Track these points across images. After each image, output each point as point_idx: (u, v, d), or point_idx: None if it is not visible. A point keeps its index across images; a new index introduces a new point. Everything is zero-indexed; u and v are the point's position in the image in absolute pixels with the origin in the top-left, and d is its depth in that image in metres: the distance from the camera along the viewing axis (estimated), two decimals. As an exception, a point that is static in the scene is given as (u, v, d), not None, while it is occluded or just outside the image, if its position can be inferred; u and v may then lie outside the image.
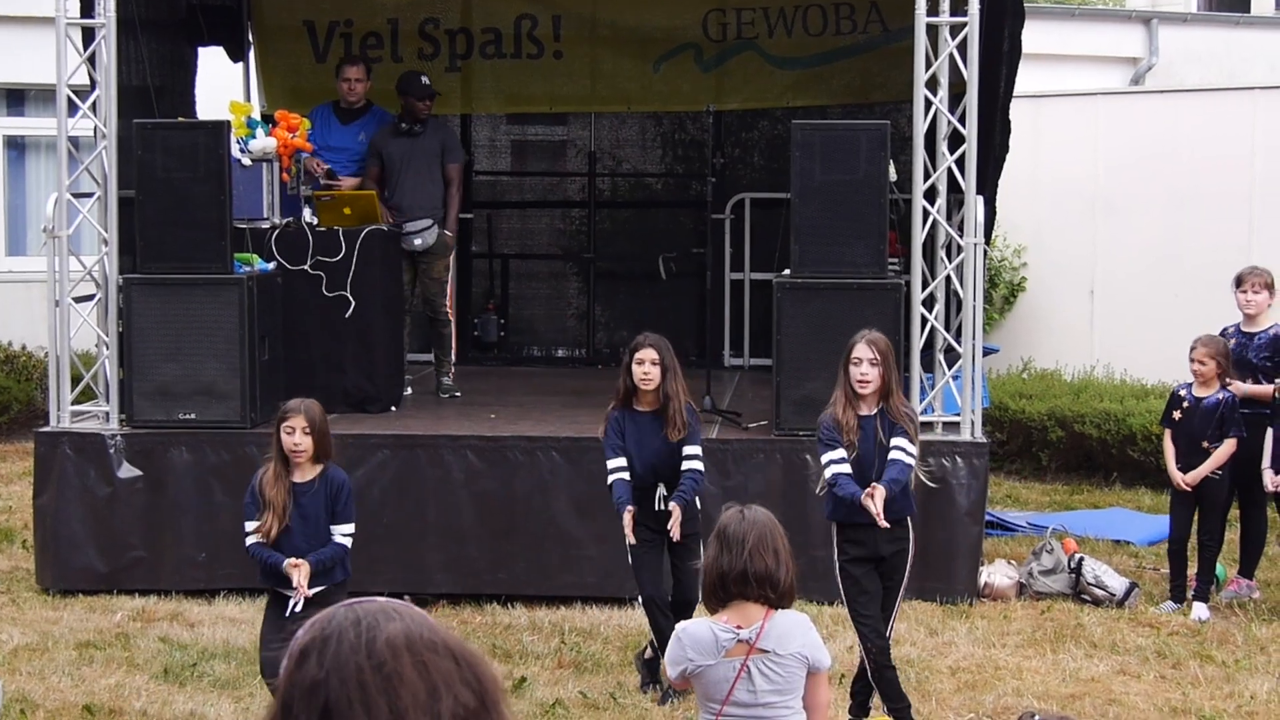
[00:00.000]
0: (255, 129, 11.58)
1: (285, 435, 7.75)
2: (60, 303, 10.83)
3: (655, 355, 8.50)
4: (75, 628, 9.87)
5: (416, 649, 2.36)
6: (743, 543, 5.38)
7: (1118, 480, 13.73)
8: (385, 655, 2.34)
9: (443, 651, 2.38)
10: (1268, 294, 10.54)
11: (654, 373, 8.49)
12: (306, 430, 7.72)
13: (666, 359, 8.51)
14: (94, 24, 10.88)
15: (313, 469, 7.86)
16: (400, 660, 2.34)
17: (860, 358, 7.77)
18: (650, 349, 8.52)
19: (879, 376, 7.75)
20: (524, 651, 9.40)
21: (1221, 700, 8.51)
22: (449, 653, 2.39)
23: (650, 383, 8.50)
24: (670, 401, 8.52)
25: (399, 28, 14.62)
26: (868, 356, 7.75)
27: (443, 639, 2.40)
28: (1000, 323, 16.49)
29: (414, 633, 2.38)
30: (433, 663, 2.35)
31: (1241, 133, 15.33)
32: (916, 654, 9.22)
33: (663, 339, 8.62)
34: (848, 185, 10.32)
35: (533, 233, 15.71)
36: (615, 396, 8.66)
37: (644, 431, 8.61)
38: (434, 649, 2.37)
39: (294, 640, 2.44)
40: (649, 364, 8.49)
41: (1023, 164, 13.76)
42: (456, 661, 2.38)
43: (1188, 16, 23.49)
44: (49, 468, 10.71)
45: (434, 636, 2.40)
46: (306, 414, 7.75)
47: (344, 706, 2.31)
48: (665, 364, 8.50)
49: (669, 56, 14.54)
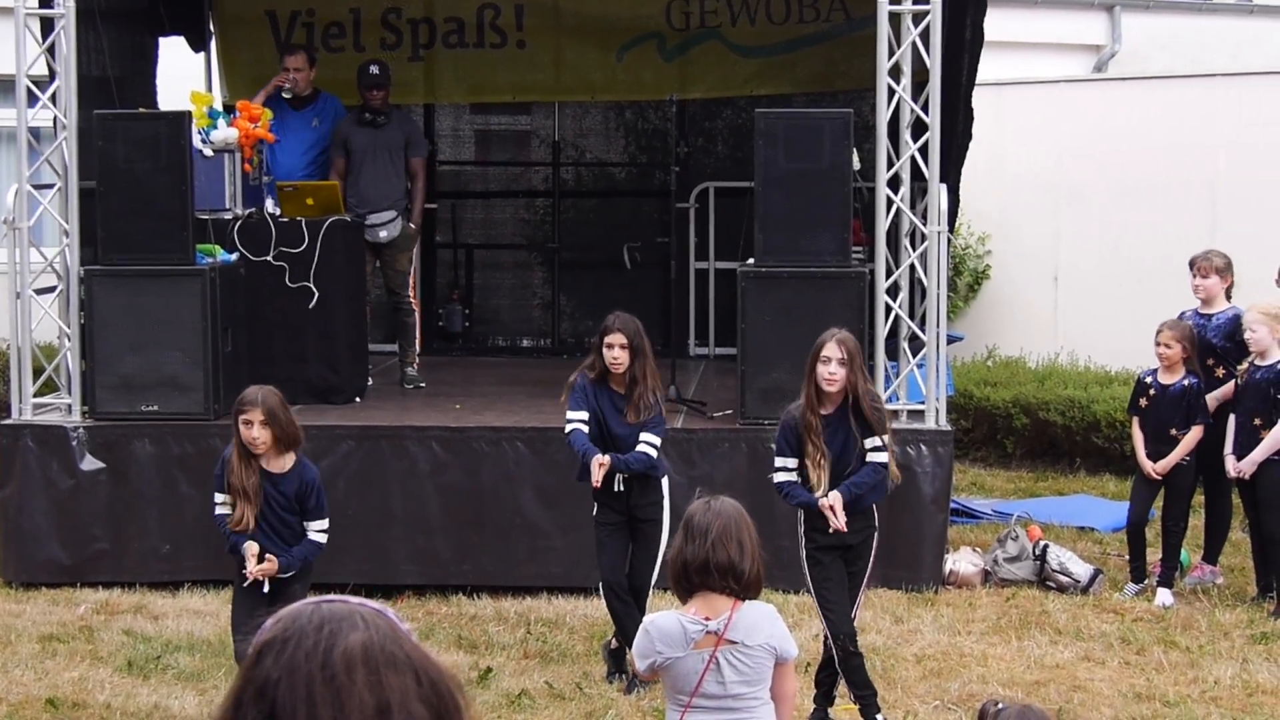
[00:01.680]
0: (217, 119, 11.54)
1: (243, 428, 7.67)
2: (21, 295, 10.77)
3: (624, 340, 8.46)
4: (38, 620, 9.83)
5: (373, 663, 2.30)
6: (706, 533, 5.37)
7: (1082, 467, 13.78)
8: (338, 667, 2.28)
9: (403, 667, 2.32)
10: (1218, 278, 10.56)
11: (623, 356, 8.46)
12: (264, 422, 7.62)
13: (636, 342, 8.48)
14: (53, 14, 10.81)
15: (285, 458, 7.79)
16: (353, 673, 2.28)
17: (830, 356, 7.69)
18: (619, 333, 8.48)
19: (846, 376, 7.69)
20: (490, 642, 9.39)
21: (1185, 686, 8.55)
22: (410, 668, 2.33)
23: (620, 366, 8.48)
24: (636, 385, 8.51)
25: (361, 17, 14.56)
26: (836, 355, 7.68)
27: (406, 654, 2.34)
28: (964, 311, 16.52)
29: (374, 645, 2.32)
30: (388, 679, 2.30)
31: (1205, 120, 15.37)
32: (882, 642, 9.24)
33: (633, 321, 8.58)
34: (812, 174, 10.33)
35: (497, 222, 15.68)
36: (591, 369, 8.61)
37: (609, 408, 8.61)
38: (393, 663, 2.32)
39: (259, 632, 2.40)
40: (618, 349, 8.47)
41: (986, 152, 13.78)
42: (417, 678, 2.32)
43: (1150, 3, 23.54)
44: (11, 460, 10.65)
45: (396, 650, 2.34)
46: (263, 405, 7.64)
47: (288, 712, 2.27)
48: (635, 347, 8.47)
49: (632, 46, 14.51)
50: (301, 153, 12.19)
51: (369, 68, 12.20)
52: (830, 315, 10.33)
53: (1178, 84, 16.46)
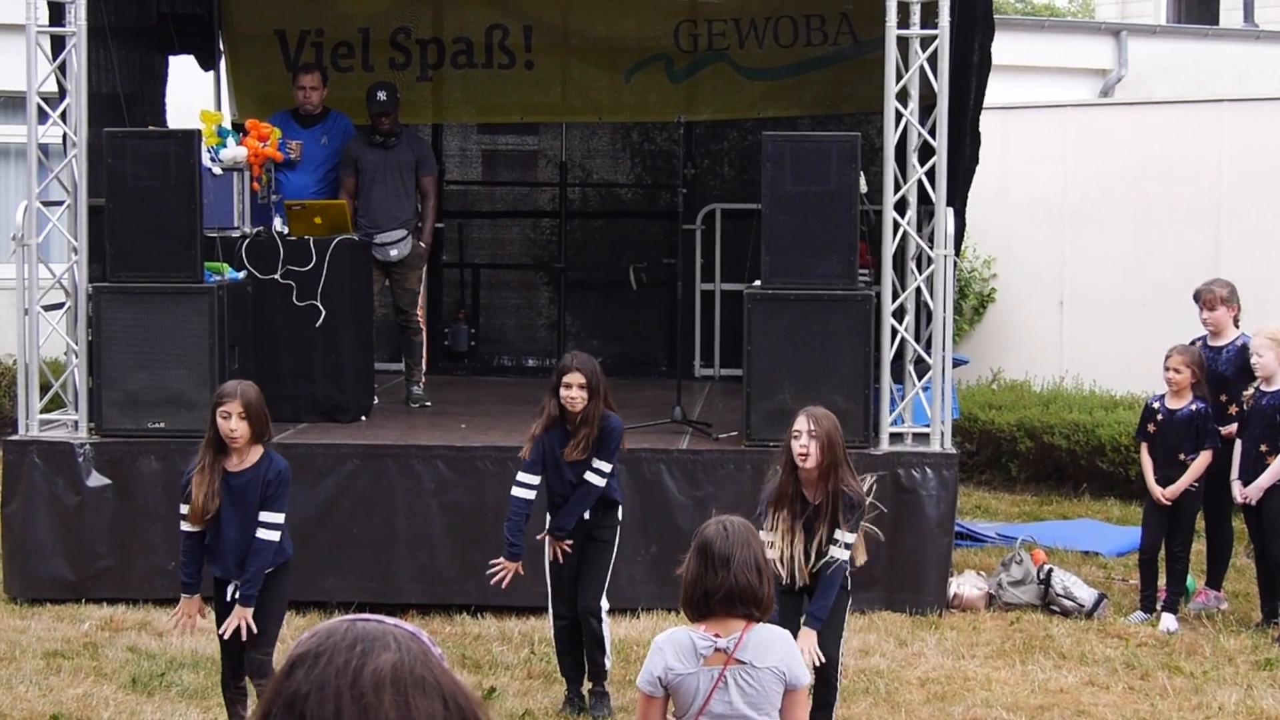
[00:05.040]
0: (226, 138, 11.57)
1: (221, 420, 7.59)
2: (29, 311, 10.79)
3: (583, 380, 8.29)
4: (43, 637, 9.83)
5: (401, 684, 2.32)
6: (728, 562, 5.31)
7: (1087, 491, 13.77)
8: (367, 686, 2.31)
9: (431, 691, 2.34)
10: (1224, 309, 10.54)
11: (580, 396, 8.28)
12: (243, 415, 7.57)
13: (594, 382, 8.31)
14: (64, 32, 10.85)
15: (252, 452, 7.72)
16: (381, 694, 2.31)
17: (800, 430, 7.37)
18: (577, 373, 8.30)
19: (819, 451, 7.32)
20: (494, 662, 9.40)
21: (1189, 711, 8.55)
22: (439, 693, 2.35)
23: (577, 404, 8.29)
24: (584, 427, 8.32)
25: (370, 37, 14.61)
26: (806, 428, 7.34)
27: (435, 678, 2.36)
28: (970, 334, 16.54)
29: (404, 667, 2.35)
30: (415, 701, 2.32)
31: (1209, 145, 15.40)
32: (886, 665, 9.23)
33: (591, 360, 8.45)
34: (818, 196, 10.35)
35: (503, 242, 15.71)
36: (540, 418, 8.43)
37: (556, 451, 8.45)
38: (421, 686, 2.34)
39: (295, 644, 2.43)
40: (576, 388, 8.29)
41: (992, 175, 13.81)
42: (445, 703, 2.34)
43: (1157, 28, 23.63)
44: (17, 476, 10.67)
45: (425, 674, 2.35)
46: (242, 398, 7.59)
47: None
48: (592, 387, 8.30)
49: (640, 67, 14.56)
50: (310, 171, 12.22)
51: (377, 94, 12.21)
52: (836, 337, 10.39)
53: (1183, 109, 16.49)
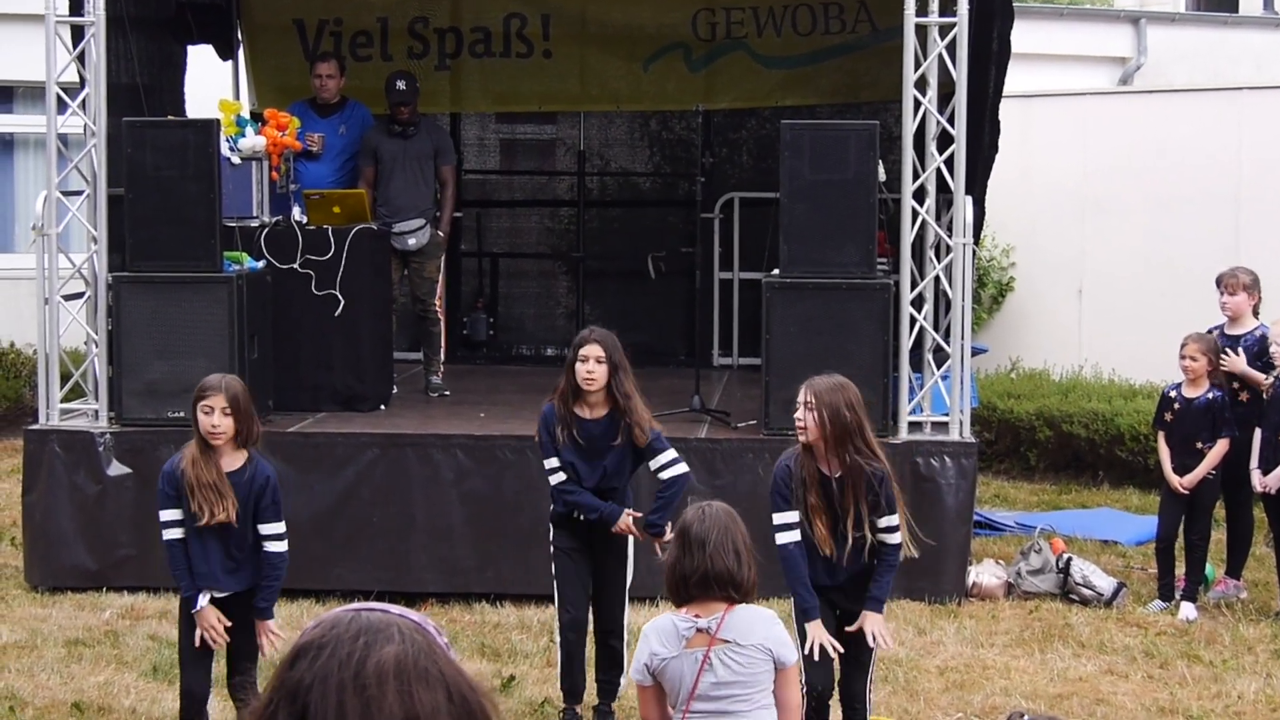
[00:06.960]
0: (245, 127, 11.58)
1: (203, 415, 7.02)
2: (50, 301, 10.82)
3: (601, 352, 7.66)
4: (64, 625, 9.86)
5: (405, 676, 2.31)
6: (703, 545, 5.42)
7: (1105, 480, 13.75)
8: (370, 678, 2.29)
9: (435, 683, 2.32)
10: (1245, 295, 10.53)
11: (599, 371, 7.66)
12: (226, 410, 6.99)
13: (614, 356, 7.68)
14: (83, 22, 10.87)
15: (237, 455, 7.16)
16: (384, 687, 2.29)
17: (798, 402, 6.92)
18: (595, 344, 7.67)
19: (816, 425, 6.82)
20: (513, 650, 9.41)
21: (1209, 700, 8.54)
22: (442, 684, 2.33)
23: (594, 383, 7.68)
24: (626, 401, 7.70)
25: (388, 26, 14.62)
26: (803, 400, 6.87)
27: (439, 669, 2.34)
28: (989, 322, 16.52)
29: (408, 658, 2.33)
30: (419, 693, 2.30)
31: (1229, 133, 15.36)
32: (904, 653, 9.23)
33: (610, 335, 7.82)
34: (837, 185, 10.34)
35: (522, 231, 15.72)
36: (555, 394, 7.86)
37: (588, 440, 7.82)
38: (424, 678, 2.32)
39: (301, 633, 2.42)
40: (594, 361, 7.66)
41: (1011, 164, 13.78)
42: (449, 695, 2.32)
43: (1176, 16, 23.55)
44: (38, 465, 10.70)
45: (429, 665, 2.34)
46: (226, 391, 6.99)
47: (318, 718, 2.28)
48: (613, 361, 7.68)
49: (658, 56, 14.54)
50: (328, 161, 12.23)
51: (395, 83, 12.19)
52: (855, 326, 10.38)
53: (1202, 97, 16.46)
